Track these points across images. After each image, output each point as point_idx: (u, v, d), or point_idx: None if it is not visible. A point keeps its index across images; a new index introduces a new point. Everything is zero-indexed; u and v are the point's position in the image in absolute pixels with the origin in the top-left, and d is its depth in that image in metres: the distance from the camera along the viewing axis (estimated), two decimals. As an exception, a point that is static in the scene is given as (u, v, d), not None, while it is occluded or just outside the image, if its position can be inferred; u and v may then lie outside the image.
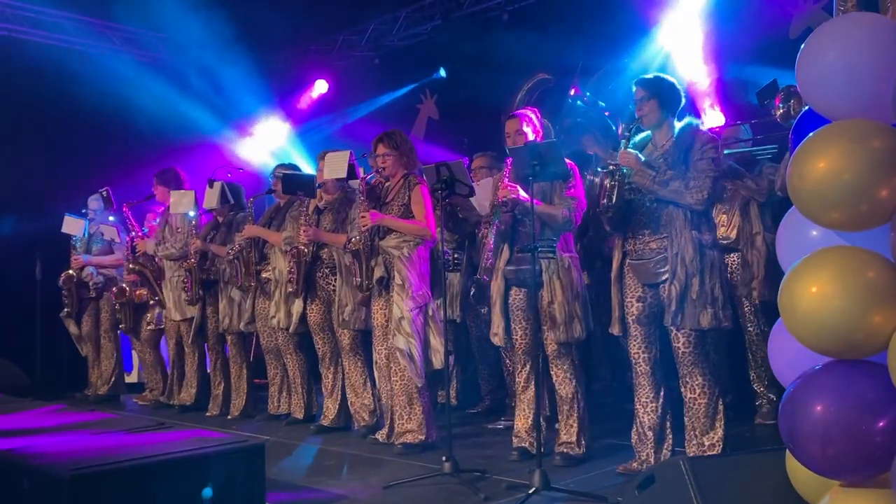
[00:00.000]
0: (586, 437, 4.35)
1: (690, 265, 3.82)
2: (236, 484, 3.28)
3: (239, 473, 3.30)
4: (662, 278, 3.91)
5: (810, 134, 2.44)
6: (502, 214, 4.33)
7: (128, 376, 7.72)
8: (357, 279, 4.92)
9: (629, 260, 4.05)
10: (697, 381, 3.92)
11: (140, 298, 6.89)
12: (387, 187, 5.01)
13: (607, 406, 5.74)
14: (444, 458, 4.06)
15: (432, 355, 4.77)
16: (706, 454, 3.86)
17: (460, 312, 5.83)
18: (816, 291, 2.32)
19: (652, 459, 3.97)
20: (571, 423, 4.33)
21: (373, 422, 5.24)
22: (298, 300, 5.49)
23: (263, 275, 5.88)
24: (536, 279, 4.18)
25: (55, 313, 7.30)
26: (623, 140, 4.00)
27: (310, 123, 9.19)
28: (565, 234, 4.35)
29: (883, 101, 2.35)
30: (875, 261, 2.31)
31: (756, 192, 5.08)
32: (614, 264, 4.10)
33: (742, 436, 4.71)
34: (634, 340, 4.03)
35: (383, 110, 8.71)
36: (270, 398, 6.13)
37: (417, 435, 4.74)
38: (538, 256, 4.07)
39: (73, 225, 7.16)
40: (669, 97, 4.00)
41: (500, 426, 5.41)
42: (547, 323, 4.30)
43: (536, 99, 6.11)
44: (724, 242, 4.99)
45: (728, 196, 5.19)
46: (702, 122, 4.11)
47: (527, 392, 4.44)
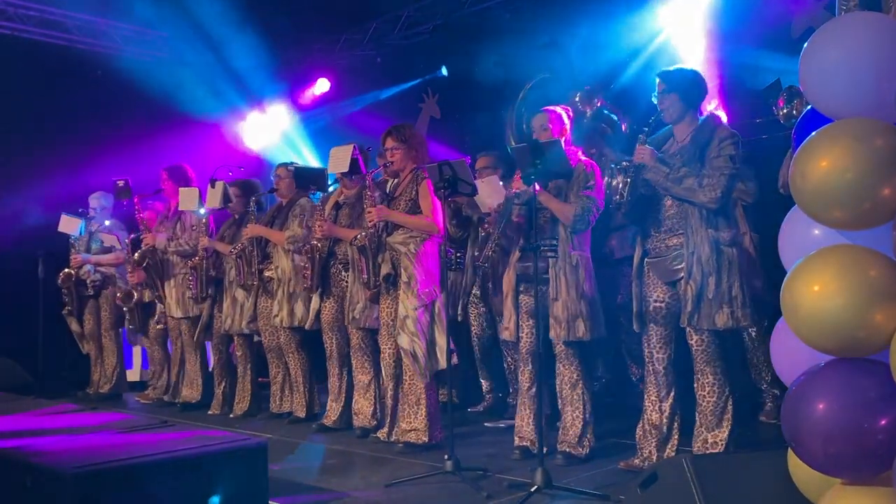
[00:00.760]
0: (590, 438, 4.35)
1: (707, 264, 3.79)
2: (239, 483, 3.28)
3: (241, 472, 3.30)
4: (680, 275, 3.89)
5: (813, 133, 2.44)
6: (515, 206, 4.32)
7: (129, 374, 7.73)
8: (364, 276, 4.91)
9: (648, 259, 4.02)
10: (708, 380, 3.91)
11: (146, 298, 6.90)
12: (395, 182, 5.00)
13: (608, 404, 5.74)
14: (445, 456, 4.06)
15: (438, 354, 4.71)
16: (709, 452, 3.86)
17: (462, 311, 5.84)
18: (819, 290, 2.32)
19: (655, 457, 3.97)
20: (576, 424, 4.33)
21: (373, 424, 5.23)
22: (315, 296, 5.46)
23: (266, 274, 5.88)
24: (540, 276, 4.17)
25: (57, 312, 7.31)
26: (641, 135, 3.94)
27: (312, 119, 9.21)
28: (578, 233, 4.30)
29: (885, 100, 2.36)
30: (877, 259, 2.32)
31: (744, 193, 5.07)
32: (635, 260, 4.09)
33: (746, 434, 4.70)
34: (649, 340, 4.02)
35: (385, 109, 8.71)
36: (272, 397, 6.13)
37: (422, 435, 4.73)
38: (540, 255, 4.06)
39: (69, 224, 7.14)
40: (691, 91, 3.94)
41: (502, 425, 5.42)
42: (552, 321, 4.29)
43: (538, 99, 6.11)
44: None
45: None
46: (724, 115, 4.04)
47: (530, 391, 4.44)
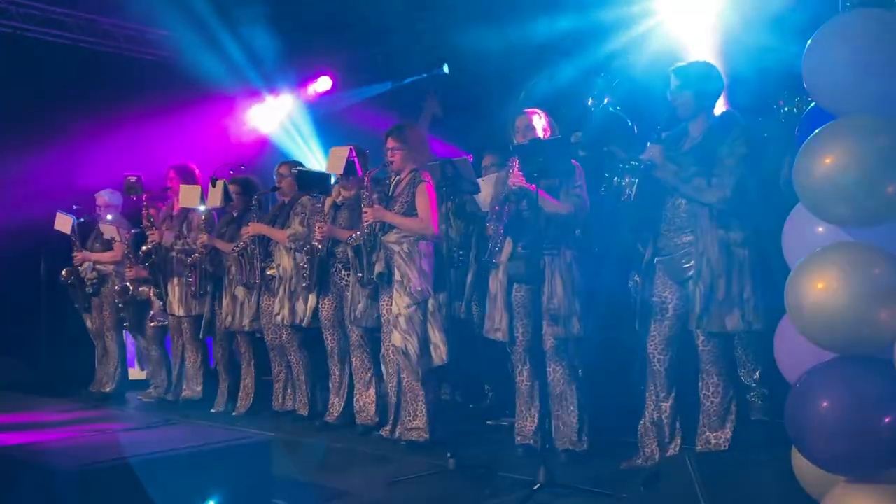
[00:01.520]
0: (587, 432, 4.33)
1: (716, 265, 3.73)
2: (241, 481, 3.29)
3: (244, 470, 3.31)
4: (689, 274, 3.85)
5: (817, 130, 2.44)
6: (510, 204, 4.32)
7: (131, 373, 7.73)
8: (359, 274, 4.93)
9: (658, 257, 3.98)
10: (713, 381, 3.88)
11: (143, 296, 6.90)
12: (395, 181, 5.01)
13: (610, 403, 5.73)
14: (448, 454, 4.06)
15: (432, 351, 4.71)
16: (712, 451, 3.86)
17: (465, 308, 5.83)
18: (823, 288, 2.32)
19: (657, 456, 3.96)
20: (572, 419, 4.33)
21: (375, 421, 5.23)
22: (312, 295, 5.49)
23: (268, 272, 5.88)
24: (540, 275, 4.16)
25: (60, 311, 7.31)
26: (654, 133, 3.89)
27: (315, 113, 9.26)
28: (570, 232, 4.32)
29: (890, 97, 2.36)
30: (881, 257, 2.31)
31: None
32: (645, 258, 4.05)
33: (736, 433, 4.68)
34: (653, 340, 3.97)
35: (387, 107, 8.70)
36: (275, 395, 6.13)
37: (423, 433, 4.74)
38: (543, 253, 4.05)
39: (63, 222, 7.15)
40: (706, 88, 3.88)
41: (504, 423, 5.41)
42: (546, 319, 4.29)
43: (542, 97, 6.10)
44: None
45: None
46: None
47: (529, 389, 4.44)
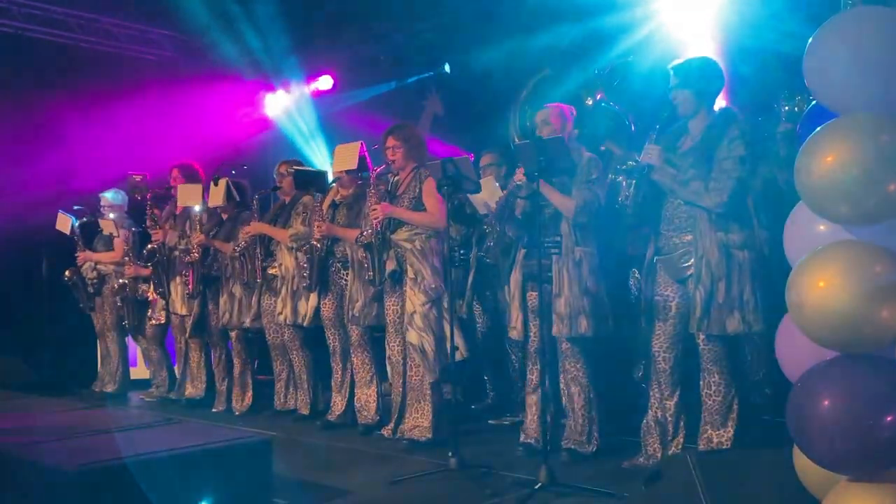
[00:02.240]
0: (597, 435, 4.33)
1: (716, 269, 3.72)
2: (243, 480, 3.29)
3: (245, 469, 3.31)
4: (688, 273, 3.85)
5: (818, 128, 2.43)
6: (519, 200, 4.31)
7: (133, 372, 7.74)
8: (369, 273, 4.91)
9: (658, 256, 4.00)
10: (714, 380, 3.89)
11: (142, 295, 6.91)
12: (396, 181, 5.00)
13: (613, 402, 5.72)
14: (449, 453, 4.06)
15: (448, 349, 4.65)
16: (714, 449, 3.85)
17: (466, 308, 5.83)
18: (824, 286, 2.31)
19: (659, 455, 3.96)
20: (582, 421, 4.32)
21: (375, 420, 5.23)
22: (313, 294, 5.49)
23: (270, 271, 5.89)
24: (545, 273, 4.16)
25: (61, 311, 7.32)
26: (651, 134, 3.89)
27: (318, 110, 9.31)
28: (582, 227, 4.25)
29: (891, 95, 2.35)
30: (883, 255, 2.31)
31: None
32: (647, 258, 4.06)
33: (740, 431, 4.68)
34: (657, 339, 3.98)
35: (388, 106, 8.71)
36: (276, 394, 6.13)
37: (426, 432, 4.74)
38: (543, 251, 4.05)
39: (63, 222, 7.16)
40: (705, 85, 3.86)
41: (506, 422, 5.41)
42: (554, 317, 4.28)
43: (542, 95, 6.09)
44: None
45: None
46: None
47: (536, 388, 4.43)
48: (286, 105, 9.24)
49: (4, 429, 3.75)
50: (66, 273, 7.18)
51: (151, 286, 6.77)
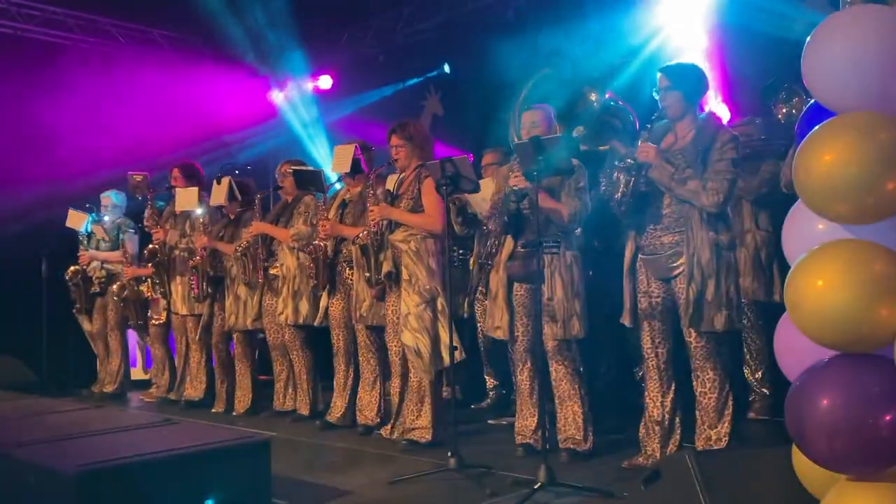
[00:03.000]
0: (592, 432, 4.34)
1: (707, 267, 3.78)
2: (242, 481, 3.28)
3: (244, 470, 3.30)
4: (675, 273, 3.89)
5: (816, 127, 2.43)
6: (510, 203, 4.31)
7: (133, 372, 7.74)
8: (367, 274, 4.91)
9: (642, 255, 4.02)
10: (708, 376, 3.90)
11: (142, 295, 6.92)
12: (400, 179, 4.99)
13: (612, 402, 5.73)
14: (449, 453, 4.06)
15: (443, 350, 4.68)
16: (713, 448, 3.86)
17: (467, 308, 5.83)
18: (822, 285, 2.31)
19: (658, 454, 3.97)
20: (576, 419, 4.32)
21: (376, 421, 5.23)
22: (324, 294, 5.47)
23: (271, 271, 5.88)
24: (539, 275, 4.16)
25: (61, 311, 7.33)
26: (643, 132, 3.94)
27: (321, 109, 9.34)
28: (570, 232, 4.32)
29: (889, 93, 2.35)
30: (881, 254, 2.30)
31: (743, 191, 5.05)
32: (627, 256, 4.08)
33: (737, 430, 4.68)
34: (647, 335, 4.02)
35: (388, 107, 8.71)
36: (276, 395, 6.13)
37: (425, 433, 4.74)
38: (542, 253, 4.05)
39: (76, 219, 7.18)
40: (694, 88, 3.93)
41: (505, 422, 5.41)
42: (546, 319, 4.28)
43: (542, 95, 6.08)
44: None
45: None
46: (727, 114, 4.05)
47: (529, 388, 4.44)
48: (287, 100, 9.30)
49: (3, 429, 3.75)
50: (69, 272, 7.18)
51: (149, 285, 6.77)
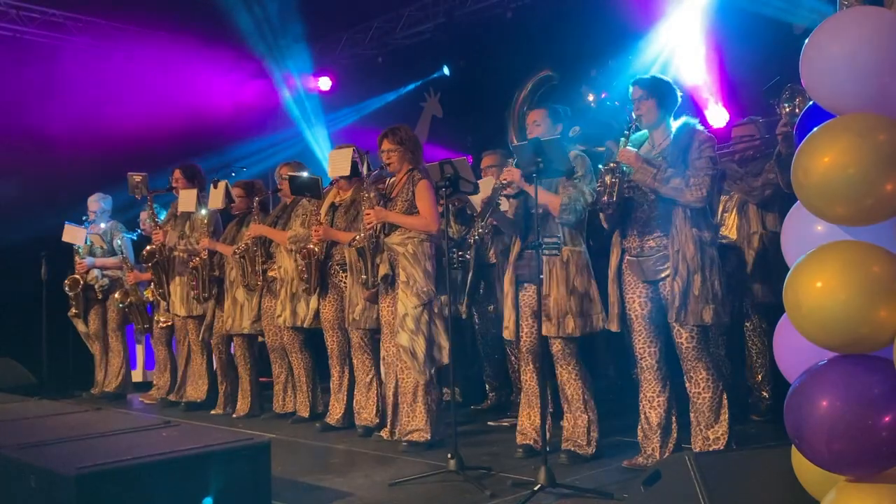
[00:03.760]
0: (596, 436, 4.33)
1: (692, 262, 3.84)
2: (242, 482, 3.29)
3: (244, 472, 3.31)
4: (662, 275, 3.94)
5: (815, 129, 2.43)
6: (502, 199, 4.32)
7: (133, 374, 7.74)
8: (363, 277, 4.92)
9: (628, 257, 4.06)
10: (701, 376, 3.92)
11: (145, 299, 6.93)
12: (391, 183, 5.01)
13: (612, 403, 5.73)
14: (449, 455, 4.06)
15: (437, 352, 4.74)
16: (711, 448, 3.87)
17: (466, 309, 5.83)
18: (821, 286, 2.31)
19: (657, 455, 3.97)
20: (580, 422, 4.32)
21: (375, 423, 5.23)
22: (314, 297, 5.48)
23: (269, 273, 5.89)
24: (539, 275, 4.16)
25: (61, 313, 7.33)
26: (622, 139, 4.04)
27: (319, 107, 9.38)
28: (570, 226, 4.29)
29: (887, 94, 2.35)
30: (880, 255, 2.31)
31: (748, 193, 5.06)
32: (612, 261, 4.11)
33: (739, 432, 4.69)
34: (639, 336, 4.05)
35: (387, 108, 8.72)
36: (275, 397, 6.13)
37: (423, 434, 4.74)
38: (541, 253, 4.04)
39: (73, 234, 7.16)
40: (667, 96, 4.04)
41: (505, 423, 5.41)
42: (542, 317, 4.28)
43: (540, 96, 6.10)
44: (725, 242, 5.00)
45: (729, 196, 5.20)
46: (699, 121, 4.14)
47: (531, 389, 4.44)
48: (290, 96, 9.34)
49: (4, 431, 3.75)
50: (68, 281, 7.19)
51: (151, 287, 6.78)
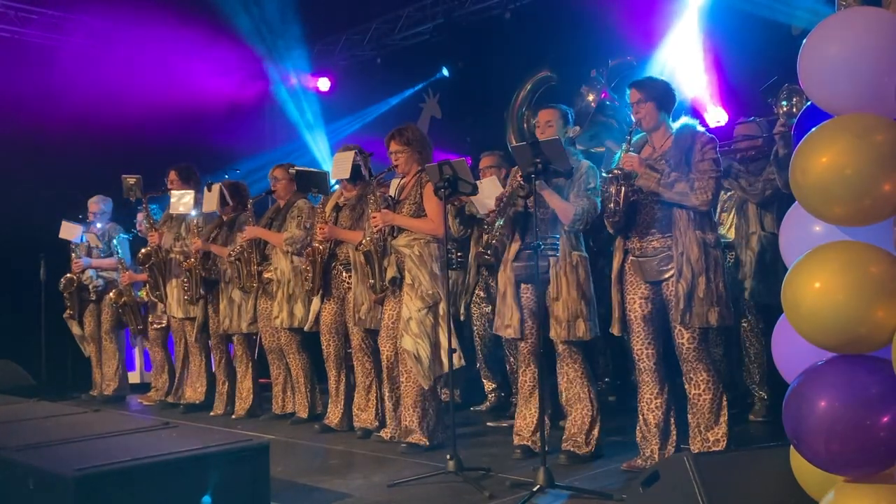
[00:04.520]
0: (596, 436, 4.33)
1: (696, 264, 3.83)
2: (241, 483, 3.28)
3: (243, 473, 3.30)
4: (666, 276, 3.92)
5: (813, 129, 2.44)
6: (518, 199, 4.31)
7: (131, 376, 7.74)
8: (370, 281, 4.89)
9: (631, 257, 4.05)
10: (702, 377, 3.91)
11: (143, 300, 6.92)
12: (401, 184, 4.98)
13: (611, 404, 5.74)
14: (448, 456, 4.05)
15: (442, 356, 4.64)
16: (711, 450, 3.86)
17: (464, 310, 5.83)
18: (820, 287, 2.32)
19: (656, 456, 3.96)
20: (582, 422, 4.31)
21: (374, 424, 5.22)
22: (316, 298, 5.45)
23: (265, 275, 5.88)
24: (542, 276, 4.16)
25: (59, 314, 7.33)
26: (624, 144, 4.04)
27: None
28: (576, 232, 4.30)
29: (885, 95, 2.35)
30: (878, 255, 2.31)
31: (749, 193, 5.07)
32: (615, 264, 4.10)
33: (737, 433, 4.68)
34: (638, 337, 4.04)
35: (386, 109, 8.73)
36: (274, 398, 6.13)
37: (423, 436, 4.73)
38: (541, 254, 4.05)
39: (69, 230, 7.17)
40: (665, 98, 4.04)
41: (504, 424, 5.40)
42: (552, 321, 4.28)
43: (539, 97, 6.11)
44: (724, 241, 5.01)
45: (727, 196, 5.21)
46: (698, 122, 4.13)
47: (530, 390, 4.43)
48: (286, 98, 9.34)
49: (2, 433, 3.74)
50: (63, 280, 7.19)
51: (146, 289, 6.78)
